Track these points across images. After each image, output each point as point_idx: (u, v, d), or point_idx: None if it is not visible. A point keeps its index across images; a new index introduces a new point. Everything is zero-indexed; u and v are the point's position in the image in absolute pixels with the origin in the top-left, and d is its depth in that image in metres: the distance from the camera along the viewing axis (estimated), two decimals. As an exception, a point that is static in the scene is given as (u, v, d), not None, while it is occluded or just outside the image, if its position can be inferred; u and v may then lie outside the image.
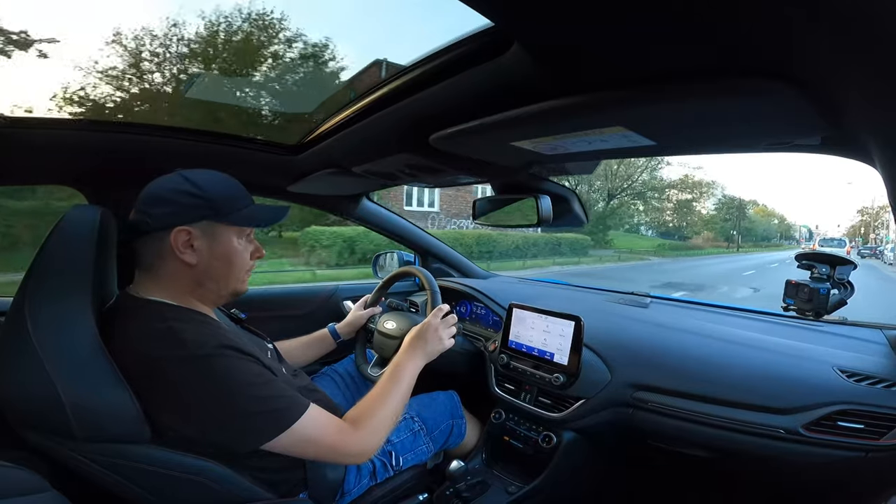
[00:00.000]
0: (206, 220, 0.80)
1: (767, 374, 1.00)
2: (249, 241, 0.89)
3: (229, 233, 0.84)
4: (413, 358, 1.03)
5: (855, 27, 0.35)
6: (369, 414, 0.88)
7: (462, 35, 0.59)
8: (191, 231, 0.79)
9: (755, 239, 49.01)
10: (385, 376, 0.98)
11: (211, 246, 0.82)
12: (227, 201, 0.82)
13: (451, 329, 1.13)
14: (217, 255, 0.83)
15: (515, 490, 1.21)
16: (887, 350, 1.05)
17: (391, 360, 1.05)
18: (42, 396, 0.66)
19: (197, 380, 0.71)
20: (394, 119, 0.84)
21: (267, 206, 0.91)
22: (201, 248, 0.81)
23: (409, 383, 0.99)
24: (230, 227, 0.84)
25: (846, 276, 1.09)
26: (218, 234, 0.82)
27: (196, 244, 0.80)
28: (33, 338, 0.67)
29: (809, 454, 0.90)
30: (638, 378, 1.12)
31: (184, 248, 0.79)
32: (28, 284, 0.72)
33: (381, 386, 0.95)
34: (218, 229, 0.82)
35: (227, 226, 0.83)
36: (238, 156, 1.25)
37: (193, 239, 0.79)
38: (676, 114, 0.58)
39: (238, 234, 0.85)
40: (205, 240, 0.81)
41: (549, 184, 1.13)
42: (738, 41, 0.42)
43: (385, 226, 1.91)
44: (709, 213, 42.39)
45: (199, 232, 0.80)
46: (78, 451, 0.69)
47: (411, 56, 0.70)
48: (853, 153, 0.69)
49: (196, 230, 0.79)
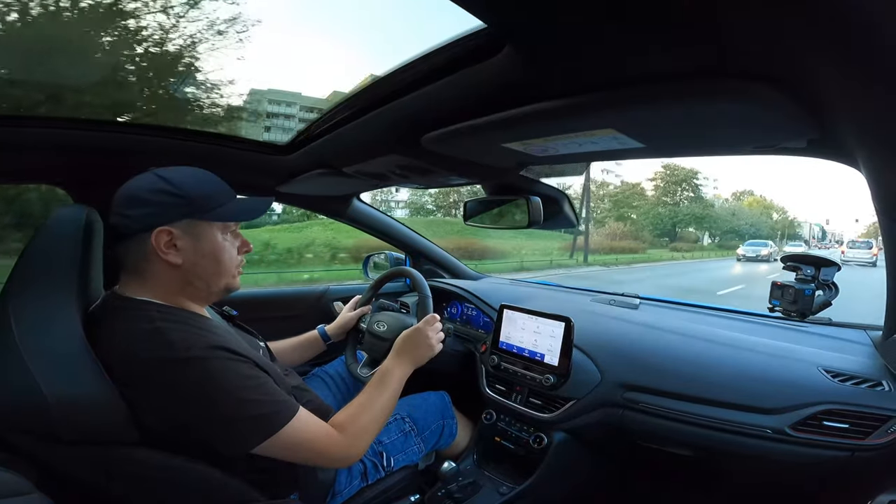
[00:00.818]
0: (187, 218, 0.78)
1: (754, 375, 1.01)
2: (235, 235, 0.87)
3: (213, 229, 0.82)
4: (401, 364, 1.03)
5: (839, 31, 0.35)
6: (356, 420, 0.88)
7: (454, 37, 0.59)
8: (172, 231, 0.77)
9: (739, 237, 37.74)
10: (373, 382, 0.98)
11: (195, 245, 0.80)
12: (207, 198, 0.80)
13: (440, 335, 1.13)
14: (203, 254, 0.81)
15: (507, 490, 1.21)
16: (871, 350, 1.06)
17: (380, 365, 1.05)
18: (26, 397, 0.64)
19: (184, 382, 0.70)
20: (385, 120, 0.84)
21: (249, 200, 0.89)
22: (185, 247, 0.79)
23: (397, 389, 0.99)
24: (213, 223, 0.81)
25: (831, 278, 1.10)
26: (201, 231, 0.80)
27: (179, 244, 0.78)
28: (17, 338, 0.66)
29: (796, 454, 0.91)
30: (628, 379, 1.13)
31: (167, 248, 0.77)
32: (12, 284, 0.71)
33: (368, 392, 0.95)
34: (200, 227, 0.80)
35: (209, 223, 0.81)
36: (228, 156, 1.24)
37: (176, 239, 0.77)
38: (666, 116, 0.59)
39: (222, 229, 0.83)
40: (188, 239, 0.79)
41: (539, 185, 1.13)
42: (726, 44, 0.42)
43: (376, 226, 1.91)
44: (624, 192, 33.15)
45: (181, 231, 0.78)
46: (63, 452, 0.68)
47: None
48: (839, 156, 0.70)
49: (177, 230, 0.77)
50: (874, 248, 19.25)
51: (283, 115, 33.52)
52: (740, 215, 42.63)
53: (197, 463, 0.75)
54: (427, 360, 1.09)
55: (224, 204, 0.82)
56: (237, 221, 0.86)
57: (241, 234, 0.89)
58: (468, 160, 0.94)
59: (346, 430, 0.84)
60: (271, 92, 34.34)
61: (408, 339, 1.08)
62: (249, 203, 0.87)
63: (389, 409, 0.95)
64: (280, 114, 33.52)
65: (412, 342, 1.07)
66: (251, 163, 1.29)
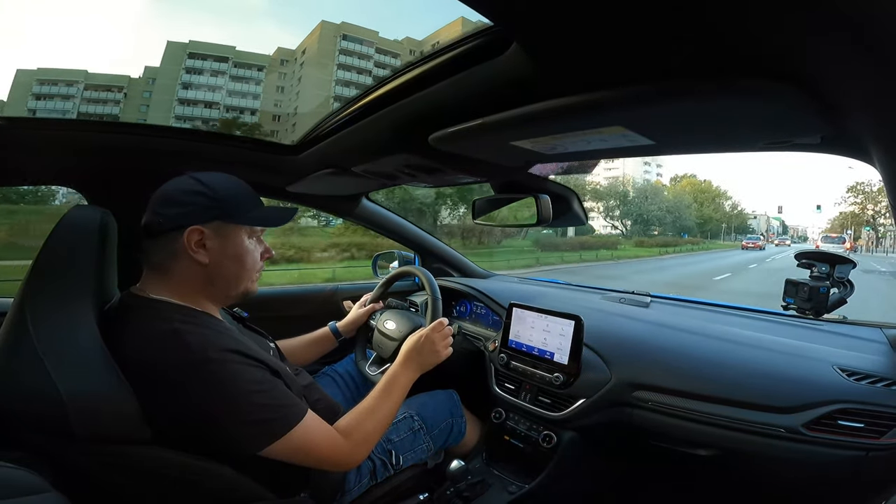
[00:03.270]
0: (218, 220, 0.82)
1: (768, 373, 1.00)
2: (259, 241, 0.91)
3: (240, 233, 0.85)
4: (407, 370, 1.04)
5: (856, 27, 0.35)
6: (360, 426, 0.90)
7: (461, 35, 0.59)
8: (203, 231, 0.80)
9: (647, 225, 30.77)
10: (379, 388, 0.99)
11: (223, 245, 0.83)
12: (238, 202, 0.84)
13: (447, 340, 1.13)
14: (228, 255, 0.84)
15: (516, 490, 1.21)
16: (887, 349, 1.05)
17: (387, 368, 1.06)
18: (43, 396, 0.65)
19: (198, 384, 0.71)
20: (393, 119, 0.84)
21: (276, 208, 0.93)
22: (213, 247, 0.82)
23: (402, 395, 1.01)
24: (241, 227, 0.85)
25: (846, 275, 1.09)
26: (229, 234, 0.84)
27: (208, 244, 0.81)
28: (34, 338, 0.67)
29: (810, 453, 0.90)
30: (638, 377, 1.12)
31: (196, 247, 0.80)
32: (29, 284, 0.72)
33: (374, 398, 0.96)
34: (229, 229, 0.83)
35: (237, 226, 0.84)
36: (238, 156, 1.25)
37: (206, 239, 0.81)
38: (676, 113, 0.58)
39: (249, 234, 0.87)
40: (217, 240, 0.82)
41: (548, 183, 1.13)
42: (738, 40, 0.41)
43: (385, 225, 1.91)
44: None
45: (212, 232, 0.81)
46: (78, 451, 0.69)
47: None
48: (853, 152, 0.69)
49: (208, 230, 0.81)
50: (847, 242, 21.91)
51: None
52: (654, 199, 33.38)
53: (209, 462, 0.76)
54: (433, 367, 1.09)
55: (252, 210, 0.86)
56: (263, 227, 0.89)
57: (264, 241, 0.92)
58: (476, 158, 0.94)
59: (350, 436, 0.87)
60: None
61: (414, 345, 1.08)
62: (276, 211, 0.91)
63: (393, 414, 0.98)
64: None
65: (418, 348, 1.07)
66: (261, 162, 1.30)
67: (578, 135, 0.70)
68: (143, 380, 0.72)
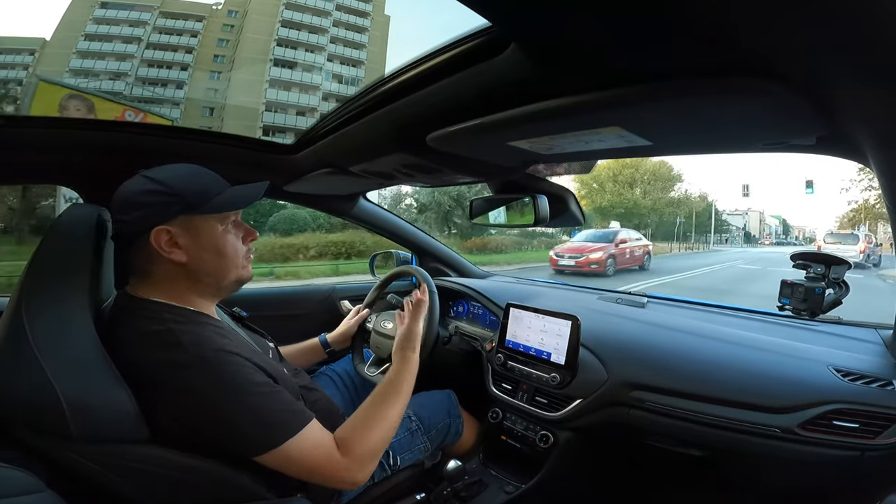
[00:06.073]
0: (182, 214, 0.77)
1: (763, 373, 1.00)
2: (237, 225, 0.86)
3: (210, 222, 0.81)
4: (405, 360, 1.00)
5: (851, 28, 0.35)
6: (363, 439, 0.82)
7: (459, 35, 0.59)
8: (170, 230, 0.77)
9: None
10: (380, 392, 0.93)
11: (196, 240, 0.79)
12: (198, 192, 0.79)
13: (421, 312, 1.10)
14: (205, 248, 0.80)
15: (513, 489, 1.21)
16: (882, 349, 1.05)
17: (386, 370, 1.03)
18: (39, 396, 0.65)
19: (193, 384, 0.71)
20: (391, 118, 0.84)
21: (242, 186, 0.86)
22: (187, 244, 0.78)
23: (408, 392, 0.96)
24: (208, 216, 0.81)
25: (841, 276, 1.09)
26: (199, 226, 0.80)
27: (180, 241, 0.78)
28: (31, 337, 0.67)
29: (806, 453, 0.90)
30: (635, 377, 1.12)
31: (169, 247, 0.77)
32: (26, 283, 0.72)
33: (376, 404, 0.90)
34: (197, 221, 0.79)
35: (205, 216, 0.80)
36: (235, 155, 1.25)
37: (176, 237, 0.77)
38: (673, 114, 0.58)
39: (220, 221, 0.82)
40: (188, 235, 0.78)
41: (546, 183, 1.13)
42: (735, 41, 0.42)
43: (382, 225, 1.91)
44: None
45: (179, 229, 0.78)
46: (75, 450, 0.69)
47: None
48: (849, 153, 0.69)
49: (175, 227, 0.77)
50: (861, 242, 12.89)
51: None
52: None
53: (207, 461, 0.75)
54: (421, 342, 1.06)
55: (216, 195, 0.81)
56: (232, 210, 0.84)
57: (243, 223, 0.88)
58: (474, 158, 0.94)
59: (351, 452, 0.79)
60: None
61: (401, 336, 1.06)
62: (242, 191, 0.85)
63: (399, 418, 0.91)
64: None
65: (404, 336, 1.05)
66: (257, 162, 1.29)
67: (576, 135, 0.70)
68: (140, 380, 0.71)
